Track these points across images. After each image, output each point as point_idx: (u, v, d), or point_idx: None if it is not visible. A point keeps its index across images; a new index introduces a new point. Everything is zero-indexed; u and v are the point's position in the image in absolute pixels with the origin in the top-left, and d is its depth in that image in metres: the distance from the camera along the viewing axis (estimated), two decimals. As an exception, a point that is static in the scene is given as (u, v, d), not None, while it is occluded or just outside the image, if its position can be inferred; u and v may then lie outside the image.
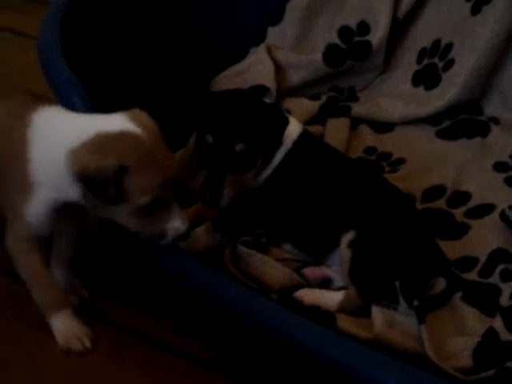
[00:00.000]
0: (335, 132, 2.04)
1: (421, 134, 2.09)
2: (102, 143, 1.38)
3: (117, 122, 1.42)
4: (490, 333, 1.51)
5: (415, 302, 1.50)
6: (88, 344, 1.52)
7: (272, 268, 1.60)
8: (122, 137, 1.40)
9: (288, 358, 1.47)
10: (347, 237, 1.57)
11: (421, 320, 1.48)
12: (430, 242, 1.62)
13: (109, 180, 1.36)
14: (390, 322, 1.50)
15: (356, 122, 2.13)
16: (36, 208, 1.46)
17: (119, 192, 1.37)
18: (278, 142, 1.63)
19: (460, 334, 1.54)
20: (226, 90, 1.73)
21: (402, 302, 1.52)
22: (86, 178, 1.37)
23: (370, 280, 1.55)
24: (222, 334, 1.57)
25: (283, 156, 1.64)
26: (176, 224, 1.45)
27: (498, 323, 1.53)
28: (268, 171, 1.64)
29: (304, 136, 1.67)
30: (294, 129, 1.66)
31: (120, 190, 1.37)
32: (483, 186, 1.92)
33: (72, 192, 1.42)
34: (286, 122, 1.62)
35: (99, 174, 1.36)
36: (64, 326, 1.53)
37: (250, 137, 1.57)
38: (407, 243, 1.57)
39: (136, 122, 1.42)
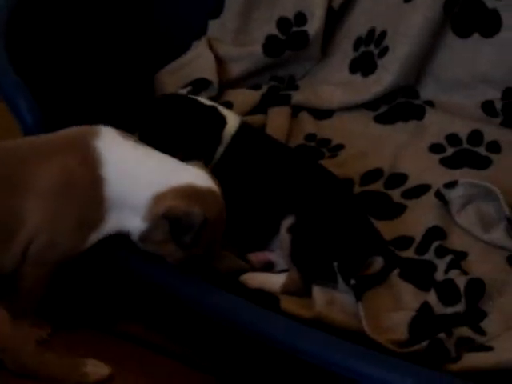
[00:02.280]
0: (277, 120, 2.11)
1: (359, 120, 2.17)
2: (191, 194, 1.48)
3: (204, 179, 1.52)
4: (425, 307, 1.59)
5: (352, 281, 1.58)
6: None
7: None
8: (208, 193, 1.50)
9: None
10: (287, 222, 1.64)
11: (358, 298, 1.56)
12: (366, 223, 1.70)
13: (193, 227, 1.46)
14: (331, 301, 1.58)
15: (297, 110, 2.19)
16: (99, 235, 1.50)
17: (195, 241, 1.47)
18: (217, 142, 1.71)
19: (397, 309, 1.62)
20: (165, 95, 1.81)
21: (340, 281, 1.60)
22: (173, 217, 1.45)
23: (310, 262, 1.62)
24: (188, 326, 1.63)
25: (223, 150, 1.72)
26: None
27: (432, 297, 1.61)
28: (210, 166, 1.71)
29: (242, 129, 1.75)
30: (232, 123, 1.74)
31: (197, 239, 1.47)
32: (419, 168, 2.00)
33: (133, 228, 1.50)
34: (223, 124, 1.71)
35: (187, 217, 1.45)
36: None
37: (188, 139, 1.67)
38: (343, 225, 1.65)
39: (213, 181, 1.53)
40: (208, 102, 1.78)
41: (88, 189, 1.48)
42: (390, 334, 1.54)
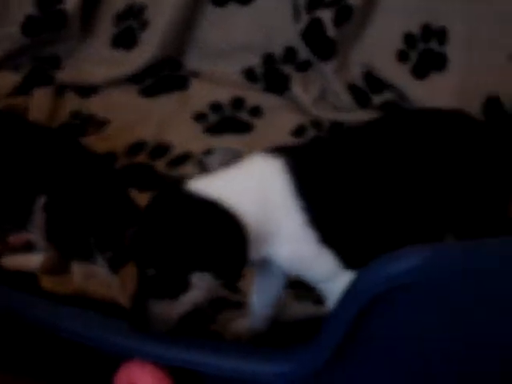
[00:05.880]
0: (39, 101, 2.12)
1: (125, 94, 2.20)
2: None
3: None
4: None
5: (108, 254, 1.61)
6: None
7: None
8: None
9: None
10: (41, 201, 1.65)
11: (114, 270, 1.59)
12: (123, 196, 1.73)
13: None
14: (89, 275, 1.60)
15: (62, 89, 2.19)
16: None
17: None
18: None
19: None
20: None
21: (97, 255, 1.63)
22: None
23: (66, 238, 1.64)
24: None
25: None
26: None
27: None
28: None
29: None
30: None
31: None
32: (184, 137, 2.05)
33: None
34: None
35: None
36: None
37: None
38: (98, 200, 1.67)
39: None
40: None
41: None
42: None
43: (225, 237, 1.24)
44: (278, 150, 1.33)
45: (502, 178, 1.46)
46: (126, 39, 2.26)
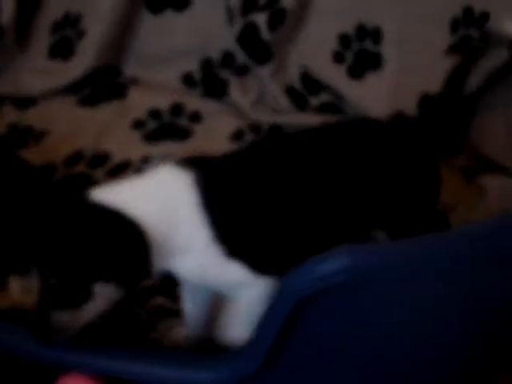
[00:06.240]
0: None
1: (63, 105, 2.19)
2: None
3: None
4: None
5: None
6: None
7: None
8: None
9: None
10: None
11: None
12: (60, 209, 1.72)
13: None
14: (27, 289, 1.60)
15: (0, 102, 2.19)
16: None
17: None
18: None
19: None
20: None
21: (35, 269, 1.62)
22: None
23: (3, 253, 1.63)
24: None
25: None
26: None
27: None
28: None
29: None
30: None
31: None
32: (122, 145, 2.05)
33: None
34: None
35: None
36: None
37: None
38: (34, 215, 1.66)
39: None
40: None
41: None
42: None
43: (125, 246, 1.25)
44: (190, 162, 1.34)
45: (430, 175, 1.49)
46: (62, 49, 2.25)
